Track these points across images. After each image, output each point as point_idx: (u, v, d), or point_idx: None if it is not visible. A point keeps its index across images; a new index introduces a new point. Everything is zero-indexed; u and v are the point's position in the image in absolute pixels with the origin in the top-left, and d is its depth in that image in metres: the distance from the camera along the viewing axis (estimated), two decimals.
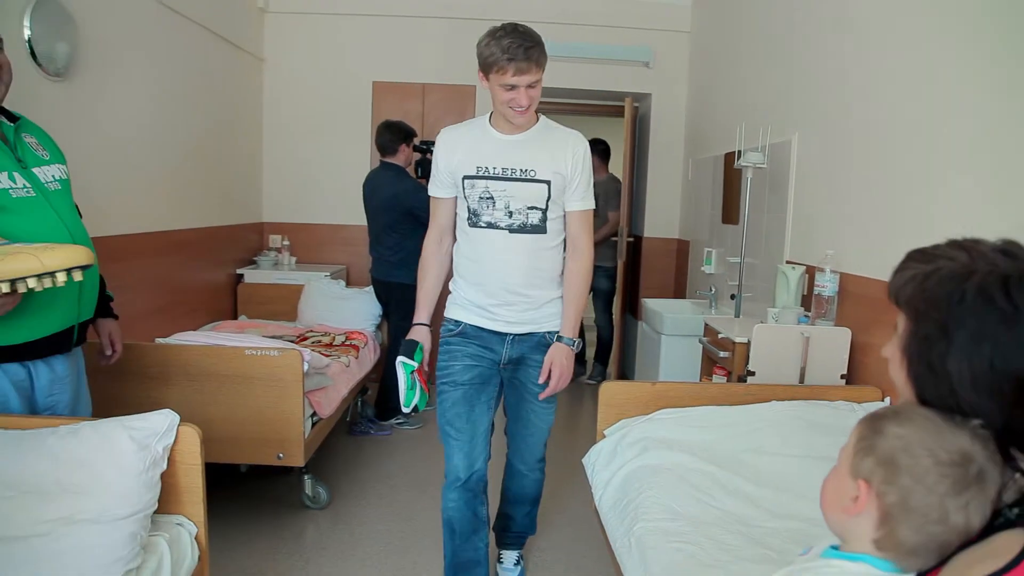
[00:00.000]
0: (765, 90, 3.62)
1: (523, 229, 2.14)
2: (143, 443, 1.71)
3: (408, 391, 2.16)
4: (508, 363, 2.25)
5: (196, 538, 1.85)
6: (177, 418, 1.79)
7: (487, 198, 2.13)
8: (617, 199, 5.13)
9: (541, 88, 2.05)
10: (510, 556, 2.65)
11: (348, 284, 4.72)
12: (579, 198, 2.17)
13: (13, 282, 1.54)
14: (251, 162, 4.95)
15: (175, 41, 3.77)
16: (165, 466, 1.76)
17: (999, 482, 0.84)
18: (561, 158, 2.11)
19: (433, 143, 4.23)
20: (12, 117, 1.86)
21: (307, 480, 3.11)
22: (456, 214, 2.27)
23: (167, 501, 1.80)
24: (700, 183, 4.71)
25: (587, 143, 2.19)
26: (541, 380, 2.19)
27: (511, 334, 2.21)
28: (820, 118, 2.99)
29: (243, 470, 3.29)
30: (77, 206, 2.01)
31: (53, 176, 1.90)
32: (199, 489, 1.85)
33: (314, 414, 2.97)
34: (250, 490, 3.29)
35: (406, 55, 5.06)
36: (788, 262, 3.13)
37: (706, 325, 3.14)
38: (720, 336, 2.89)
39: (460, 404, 2.20)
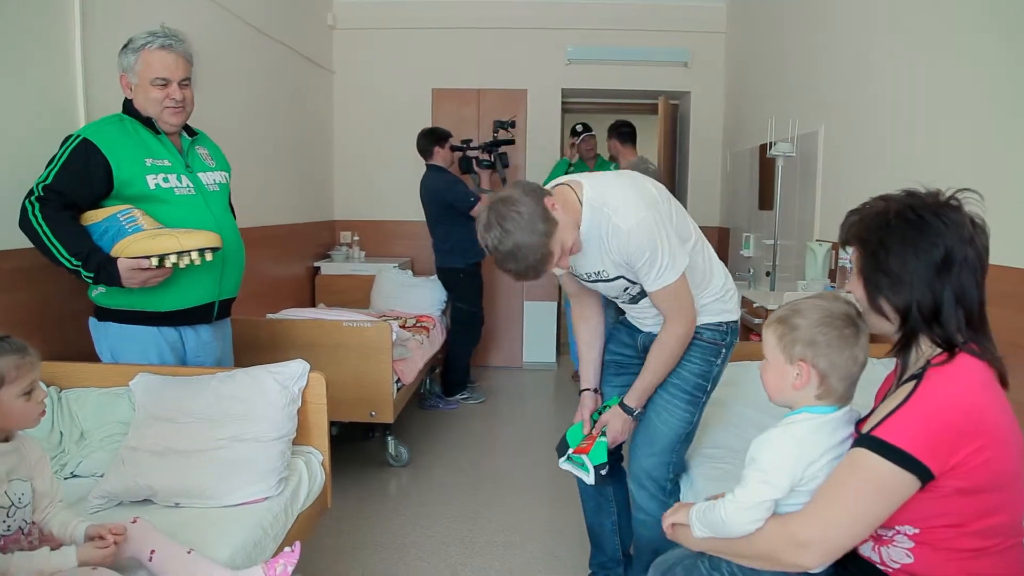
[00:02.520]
0: (793, 85, 3.96)
1: (634, 300, 2.06)
2: (284, 384, 2.15)
3: (581, 468, 2.07)
4: (643, 350, 2.11)
5: (322, 464, 2.29)
6: (308, 366, 2.23)
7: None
8: None
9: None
10: None
11: (414, 274, 5.18)
12: (646, 279, 1.90)
13: (161, 257, 2.03)
14: (323, 165, 5.45)
15: (261, 58, 4.26)
16: (300, 403, 2.20)
17: (867, 325, 1.31)
18: (613, 260, 1.90)
19: (470, 141, 4.72)
20: (191, 132, 2.34)
21: (390, 440, 3.56)
22: None
23: (300, 434, 2.22)
24: (738, 174, 5.05)
25: (629, 228, 1.81)
26: (595, 434, 2.11)
27: (644, 330, 2.17)
28: (844, 109, 3.32)
29: (334, 433, 3.73)
30: (232, 206, 2.49)
31: (214, 180, 2.36)
32: (324, 425, 2.29)
33: (398, 380, 3.40)
34: (340, 451, 3.74)
35: (462, 63, 5.51)
36: (816, 240, 3.46)
37: (743, 298, 3.49)
38: (755, 306, 3.24)
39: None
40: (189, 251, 2.05)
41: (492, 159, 4.66)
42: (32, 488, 1.53)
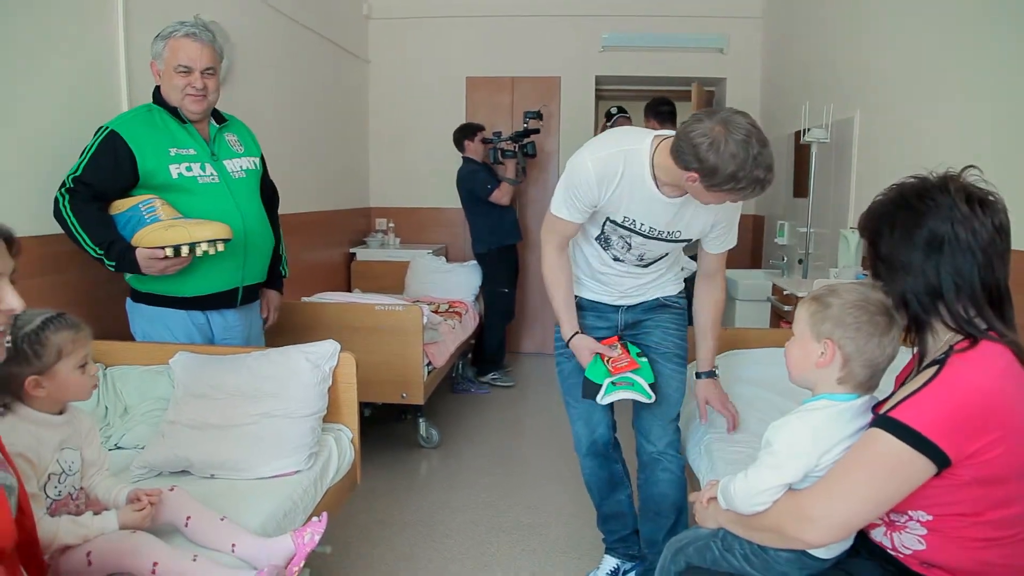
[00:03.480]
0: (829, 70, 3.90)
1: (648, 264, 2.13)
2: (315, 363, 2.22)
3: (631, 389, 2.03)
4: (625, 328, 2.23)
5: (352, 441, 2.36)
6: (339, 346, 2.29)
7: (624, 245, 2.06)
8: None
9: None
10: (608, 563, 2.47)
11: (448, 260, 5.25)
12: (721, 241, 2.08)
13: (176, 248, 2.08)
14: (358, 153, 5.54)
15: (297, 48, 4.34)
16: (331, 382, 2.26)
17: (901, 321, 1.29)
18: (713, 218, 1.99)
19: (500, 133, 4.79)
20: (221, 119, 2.41)
21: (422, 422, 3.64)
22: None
23: (331, 412, 2.29)
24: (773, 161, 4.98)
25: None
26: (702, 420, 2.25)
27: (624, 305, 2.22)
28: (880, 95, 3.27)
29: (367, 414, 3.83)
30: (275, 187, 2.59)
31: (241, 167, 2.41)
32: (354, 403, 2.35)
33: (429, 363, 3.47)
34: (373, 432, 3.83)
35: (496, 51, 5.53)
36: (850, 227, 3.42)
37: (774, 286, 3.48)
38: (786, 293, 3.22)
39: (575, 374, 2.20)
40: (199, 242, 2.09)
41: (515, 150, 4.78)
42: (81, 457, 1.63)
